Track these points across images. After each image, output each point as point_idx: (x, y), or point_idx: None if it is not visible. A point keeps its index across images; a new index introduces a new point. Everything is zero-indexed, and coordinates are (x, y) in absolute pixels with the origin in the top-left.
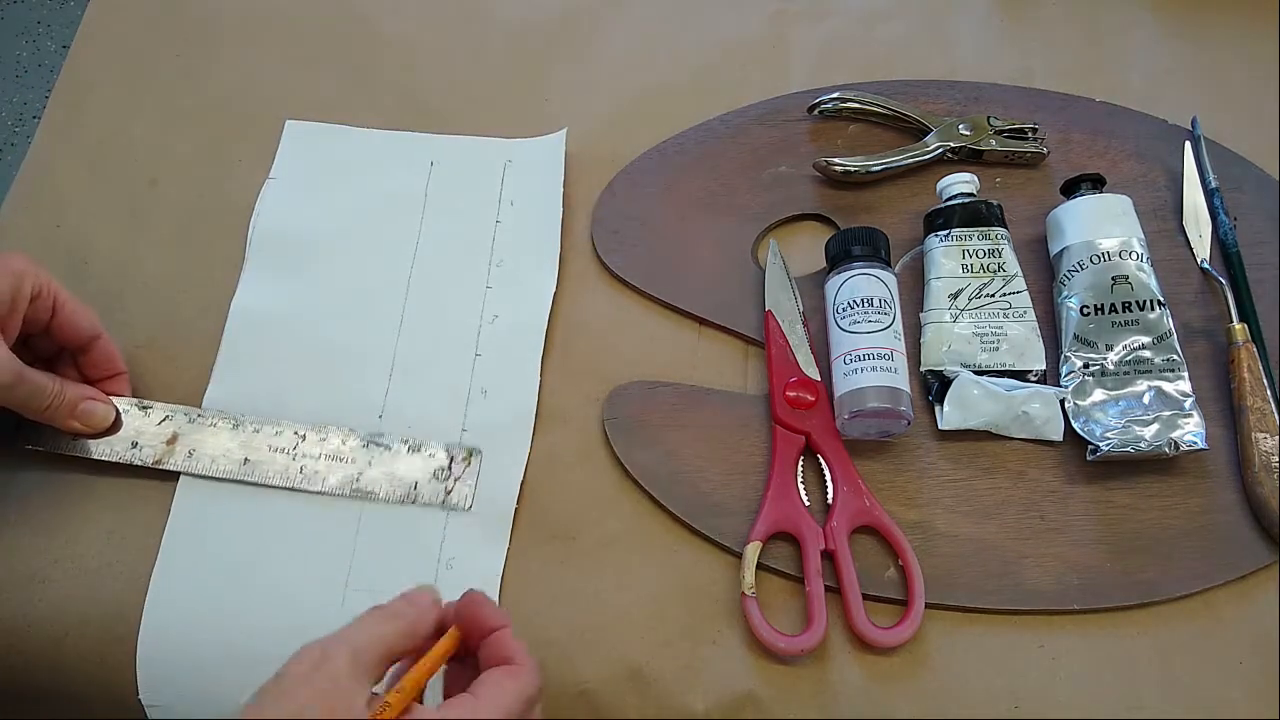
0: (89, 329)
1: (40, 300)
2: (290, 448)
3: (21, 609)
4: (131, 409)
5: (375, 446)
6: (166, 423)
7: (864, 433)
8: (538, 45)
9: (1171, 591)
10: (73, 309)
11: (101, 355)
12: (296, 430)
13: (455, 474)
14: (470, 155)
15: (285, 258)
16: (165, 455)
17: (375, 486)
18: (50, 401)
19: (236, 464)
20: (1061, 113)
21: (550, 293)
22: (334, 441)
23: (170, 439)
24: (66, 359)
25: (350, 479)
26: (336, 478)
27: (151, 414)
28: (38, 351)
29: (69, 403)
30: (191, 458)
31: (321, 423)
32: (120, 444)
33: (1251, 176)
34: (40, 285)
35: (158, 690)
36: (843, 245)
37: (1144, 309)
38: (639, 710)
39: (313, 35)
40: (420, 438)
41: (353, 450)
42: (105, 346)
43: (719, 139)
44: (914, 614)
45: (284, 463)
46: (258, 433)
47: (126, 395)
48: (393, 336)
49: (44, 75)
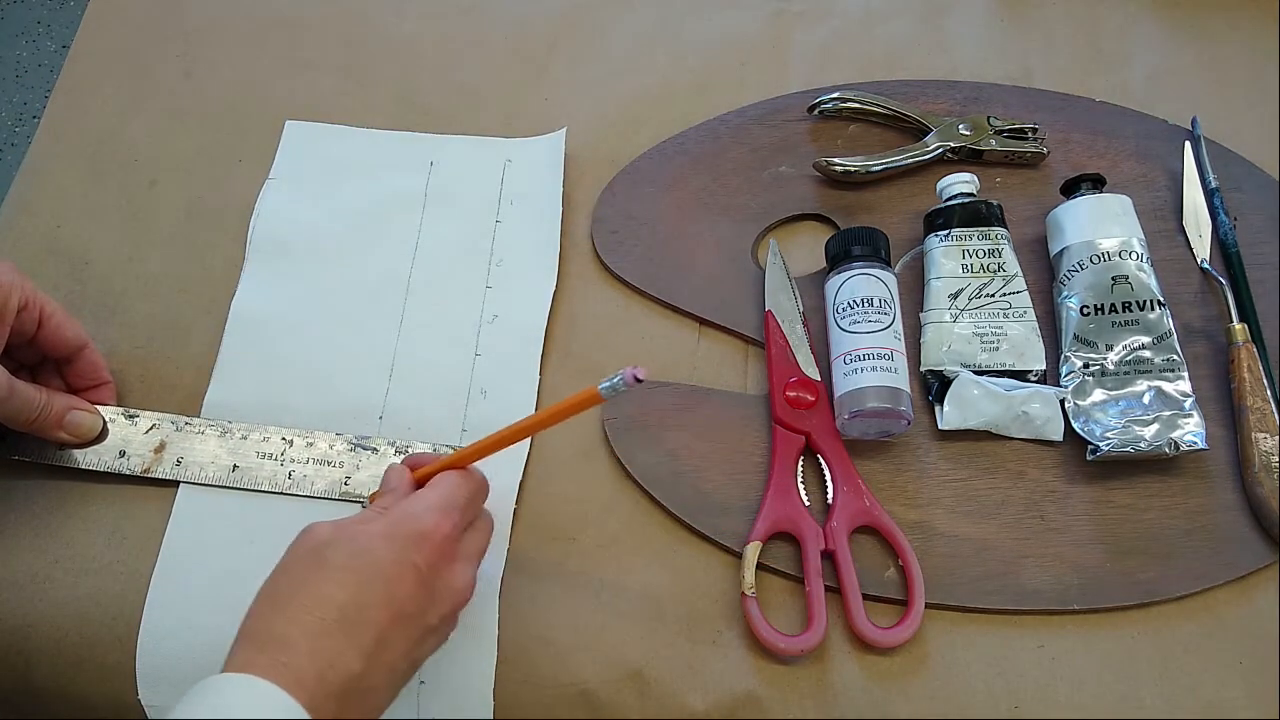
0: (75, 339)
1: (27, 312)
2: (278, 454)
3: (21, 609)
4: (118, 418)
5: (362, 450)
6: (154, 431)
7: (864, 433)
8: (538, 45)
9: (1171, 591)
10: (59, 321)
11: (87, 365)
12: (284, 436)
13: None
14: (470, 155)
15: (285, 258)
16: (154, 464)
17: (364, 489)
18: (38, 414)
19: (225, 471)
20: (1061, 113)
21: (550, 292)
22: (321, 446)
23: (158, 447)
24: (51, 368)
25: (338, 483)
26: (325, 482)
27: (139, 423)
28: (22, 360)
29: (56, 413)
30: (180, 466)
31: (311, 426)
32: (108, 453)
33: (1251, 176)
34: (26, 297)
35: (158, 690)
36: (843, 245)
37: (1144, 309)
38: (639, 710)
39: (313, 35)
40: (407, 440)
41: (340, 454)
42: (91, 356)
43: (719, 139)
44: (914, 614)
45: (272, 469)
46: (245, 439)
47: (112, 404)
48: (393, 336)
49: (44, 75)
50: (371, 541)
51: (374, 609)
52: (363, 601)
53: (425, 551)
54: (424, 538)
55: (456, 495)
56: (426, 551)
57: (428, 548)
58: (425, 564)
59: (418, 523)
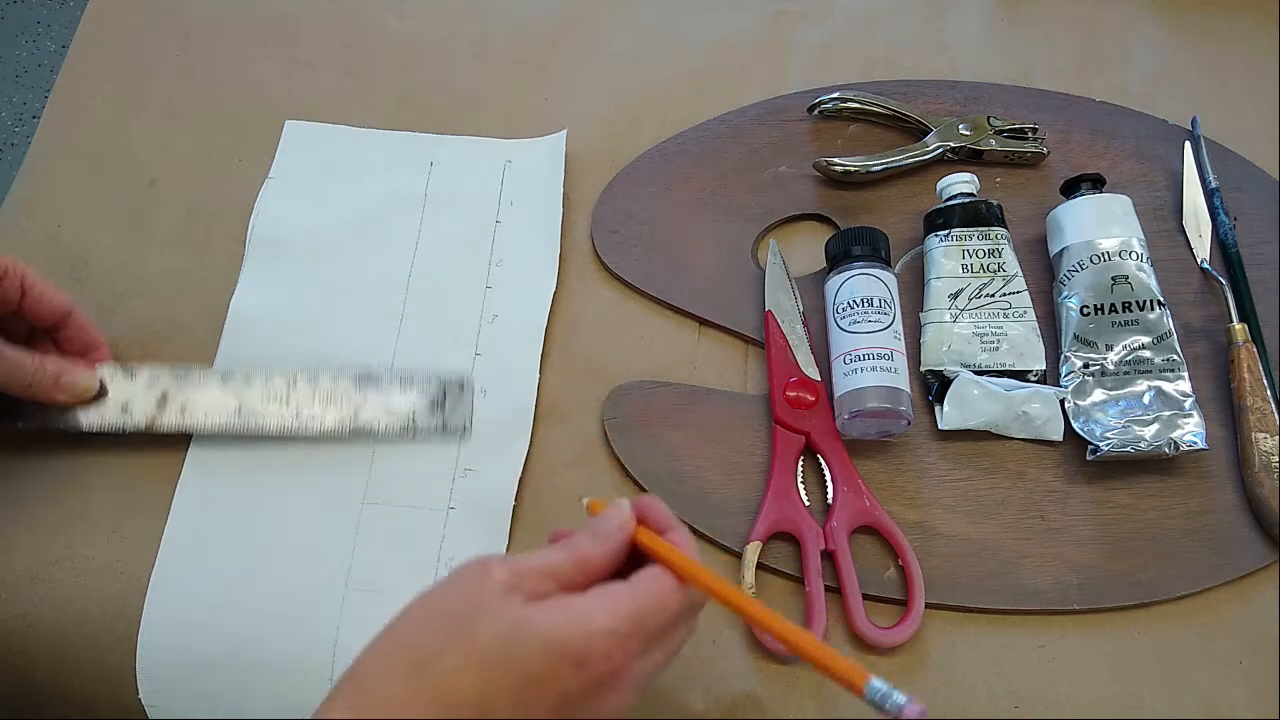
0: (60, 306)
1: (8, 280)
2: (283, 395)
3: (22, 609)
4: (117, 375)
5: (367, 383)
6: (154, 384)
7: (864, 433)
8: (538, 45)
9: (1171, 591)
10: (41, 289)
11: (76, 329)
12: (287, 377)
13: (450, 404)
14: (470, 155)
15: (285, 258)
16: (157, 416)
17: (373, 422)
18: (32, 377)
19: (231, 415)
20: (1061, 113)
21: (550, 293)
22: (325, 384)
23: (160, 399)
24: (43, 339)
25: (347, 418)
26: (333, 418)
27: (138, 378)
28: (11, 334)
29: (50, 375)
30: (184, 414)
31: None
32: (111, 410)
33: (1251, 176)
34: (5, 266)
35: (158, 690)
36: (843, 245)
37: (1144, 309)
38: (640, 710)
39: (313, 35)
40: (411, 371)
41: (345, 390)
42: (79, 320)
43: (719, 139)
44: (914, 614)
45: (278, 410)
46: (248, 384)
47: (109, 363)
48: (393, 336)
49: (44, 75)
50: (529, 641)
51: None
52: (491, 704)
53: (581, 678)
54: (586, 664)
55: (652, 621)
56: (582, 678)
57: (585, 675)
58: (576, 689)
59: (588, 644)
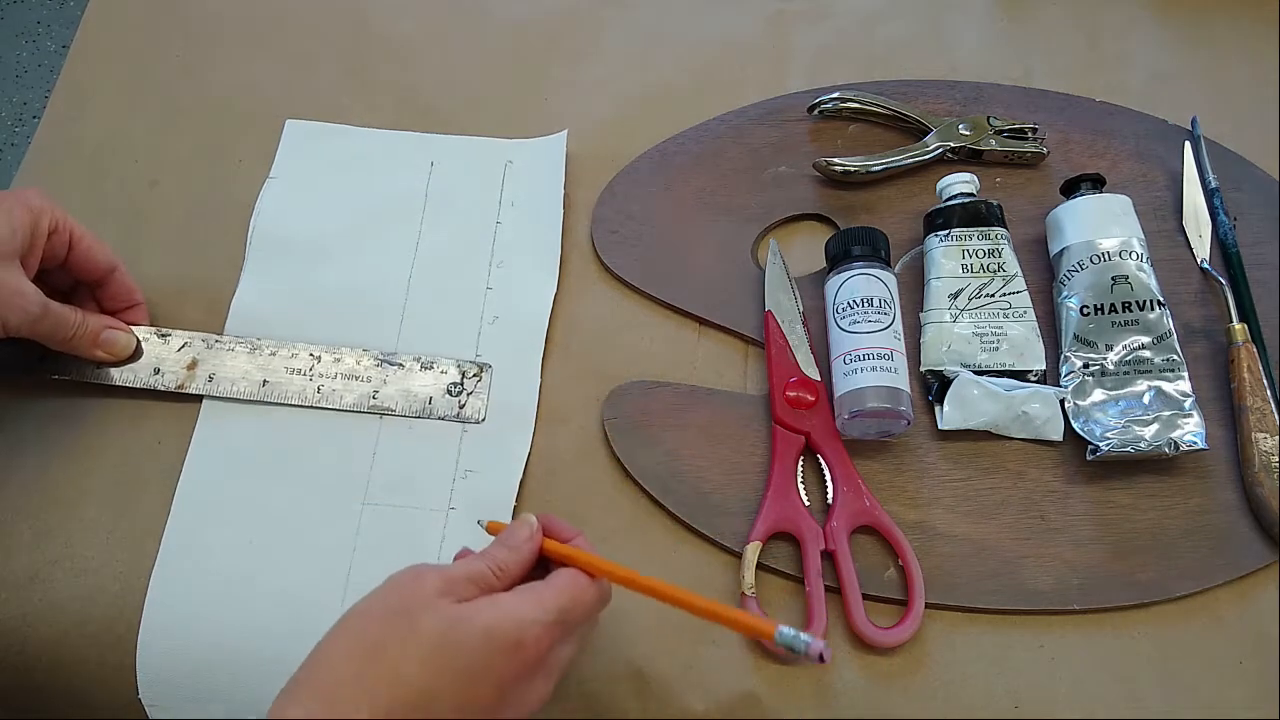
0: (105, 262)
1: (57, 235)
2: (307, 369)
3: (21, 609)
4: (151, 337)
5: (389, 365)
6: (186, 349)
7: (864, 433)
8: (538, 45)
9: (1171, 591)
10: (89, 244)
11: (119, 287)
12: (312, 352)
13: (468, 389)
14: (470, 155)
15: (285, 258)
16: (187, 380)
17: (391, 402)
18: (75, 331)
19: (255, 385)
20: (1061, 113)
21: (550, 293)
22: (349, 361)
23: (190, 364)
24: (84, 292)
25: (366, 396)
26: (353, 395)
27: (171, 341)
28: (55, 285)
29: (91, 332)
30: (212, 381)
31: (336, 344)
32: (143, 370)
33: (1251, 176)
34: (57, 220)
35: (158, 690)
36: (843, 245)
37: (1144, 309)
38: (639, 710)
39: (313, 35)
40: (432, 356)
41: (367, 369)
42: (122, 278)
43: (719, 139)
44: (914, 614)
45: (301, 384)
46: (274, 355)
47: (145, 324)
48: (393, 337)
49: (44, 75)
50: (469, 633)
51: (445, 703)
52: (437, 691)
53: (515, 663)
54: (520, 648)
55: (573, 611)
56: (516, 663)
57: (519, 659)
58: (511, 674)
59: (520, 631)
